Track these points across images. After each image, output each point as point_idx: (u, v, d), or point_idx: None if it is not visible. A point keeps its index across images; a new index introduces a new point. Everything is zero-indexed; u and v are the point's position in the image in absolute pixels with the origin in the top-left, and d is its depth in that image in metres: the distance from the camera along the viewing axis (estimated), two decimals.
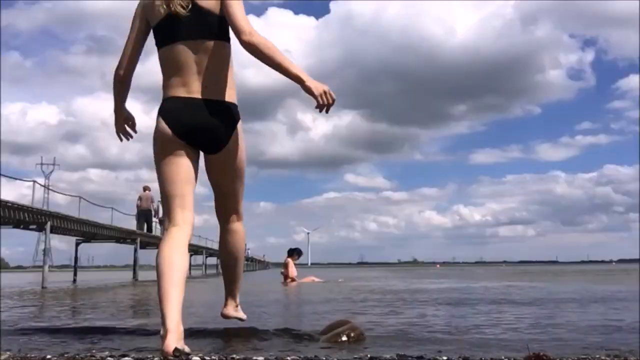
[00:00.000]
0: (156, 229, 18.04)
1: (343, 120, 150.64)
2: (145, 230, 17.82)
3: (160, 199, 3.46)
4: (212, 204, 2.74)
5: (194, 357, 2.43)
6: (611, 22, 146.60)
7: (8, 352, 2.54)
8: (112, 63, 2.69)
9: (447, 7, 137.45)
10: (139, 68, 2.62)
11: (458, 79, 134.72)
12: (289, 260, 12.39)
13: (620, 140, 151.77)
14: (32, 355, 2.50)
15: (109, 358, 2.44)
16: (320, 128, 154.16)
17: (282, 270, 12.65)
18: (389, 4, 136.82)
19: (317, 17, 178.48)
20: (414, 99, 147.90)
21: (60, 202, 31.38)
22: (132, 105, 2.88)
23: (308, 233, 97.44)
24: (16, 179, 14.18)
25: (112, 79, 2.61)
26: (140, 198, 17.22)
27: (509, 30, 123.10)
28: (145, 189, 17.37)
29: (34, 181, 13.45)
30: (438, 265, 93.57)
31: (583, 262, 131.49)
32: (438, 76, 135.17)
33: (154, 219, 17.75)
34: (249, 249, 51.43)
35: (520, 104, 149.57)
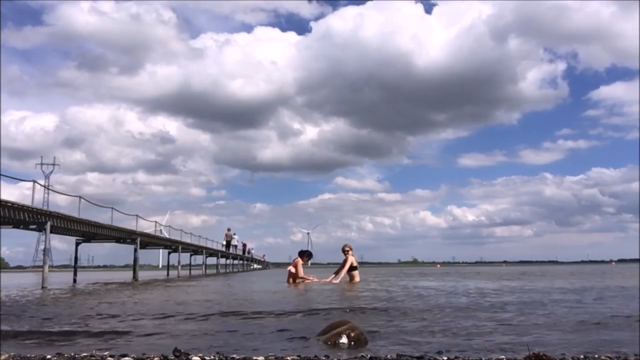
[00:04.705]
0: (232, 249, 37.40)
1: (331, 125, 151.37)
2: (225, 249, 35.67)
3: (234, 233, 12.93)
4: (212, 204, 2.76)
5: (194, 357, 2.43)
6: (576, 39, 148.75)
7: (8, 353, 2.54)
8: (102, 77, 2.66)
9: (420, 25, 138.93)
10: (132, 81, 2.54)
11: (436, 91, 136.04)
12: (299, 260, 11.68)
13: (600, 145, 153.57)
14: (32, 355, 2.49)
15: (109, 358, 2.44)
16: (310, 134, 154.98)
17: (291, 268, 11.72)
18: (364, 23, 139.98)
19: (301, 34, 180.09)
20: (398, 108, 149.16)
21: (60, 203, 31.40)
22: (127, 114, 2.86)
23: (308, 233, 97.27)
24: (17, 179, 14.14)
25: (103, 90, 2.50)
26: (226, 234, 36.69)
27: (481, 46, 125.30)
28: (229, 229, 38.45)
29: (34, 181, 13.37)
30: (438, 265, 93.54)
31: (583, 262, 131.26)
32: (417, 88, 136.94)
33: (231, 244, 36.81)
34: (252, 249, 51.41)
35: (498, 113, 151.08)
